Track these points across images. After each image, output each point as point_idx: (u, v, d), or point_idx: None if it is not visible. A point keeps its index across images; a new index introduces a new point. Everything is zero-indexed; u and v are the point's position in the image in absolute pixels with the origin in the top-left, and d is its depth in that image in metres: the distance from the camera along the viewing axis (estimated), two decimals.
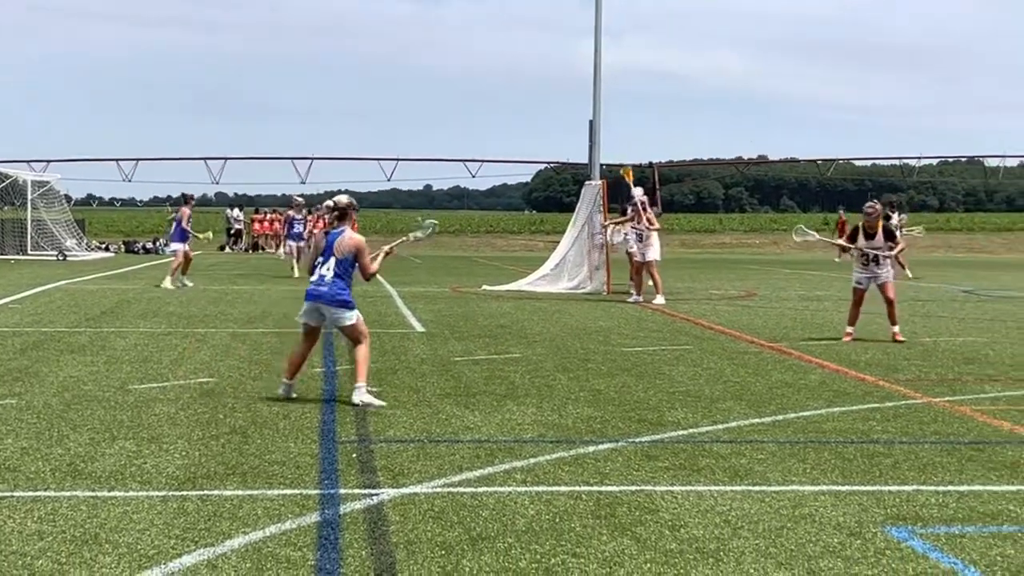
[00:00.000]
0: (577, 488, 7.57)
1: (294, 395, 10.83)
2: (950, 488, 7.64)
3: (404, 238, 12.31)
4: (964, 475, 8.02)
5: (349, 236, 10.72)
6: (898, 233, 20.11)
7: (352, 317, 10.69)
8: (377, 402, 10.50)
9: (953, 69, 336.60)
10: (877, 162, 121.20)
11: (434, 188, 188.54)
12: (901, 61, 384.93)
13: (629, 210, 24.83)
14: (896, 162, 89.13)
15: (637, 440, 9.15)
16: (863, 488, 7.63)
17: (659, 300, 23.17)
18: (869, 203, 17.31)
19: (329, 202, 11.08)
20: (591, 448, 8.83)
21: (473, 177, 75.92)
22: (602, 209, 27.10)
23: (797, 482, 7.79)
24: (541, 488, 7.56)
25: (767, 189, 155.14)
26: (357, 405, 10.35)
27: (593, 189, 27.82)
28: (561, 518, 6.83)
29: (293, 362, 10.91)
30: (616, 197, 30.71)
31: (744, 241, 71.97)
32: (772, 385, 12.11)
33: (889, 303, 16.59)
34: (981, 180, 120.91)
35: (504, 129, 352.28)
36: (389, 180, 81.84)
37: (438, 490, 7.48)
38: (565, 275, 27.61)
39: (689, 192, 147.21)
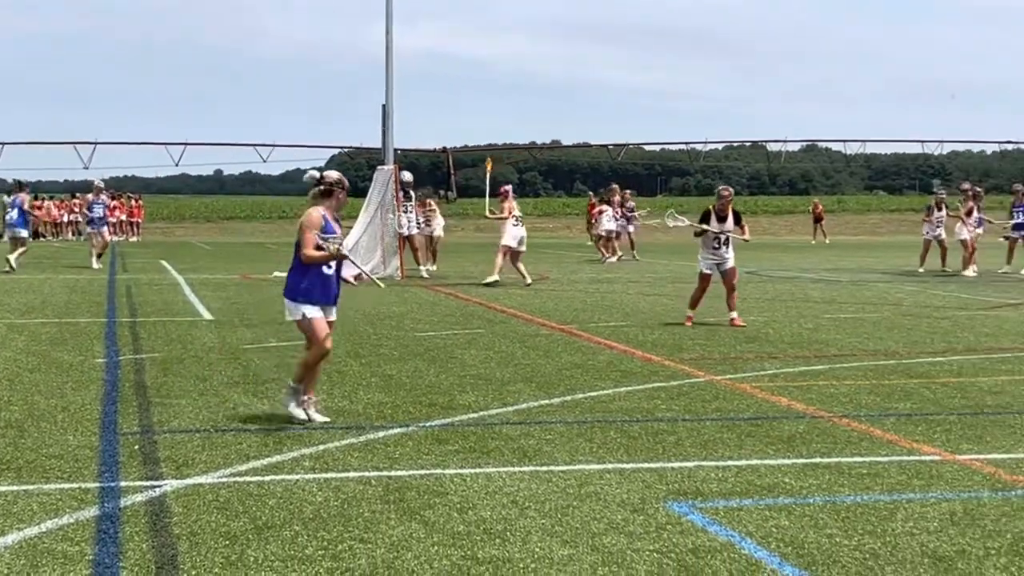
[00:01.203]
0: (366, 473, 7.53)
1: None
2: (729, 463, 7.87)
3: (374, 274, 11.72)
4: (743, 450, 8.28)
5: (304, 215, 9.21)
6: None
7: (294, 312, 9.32)
8: (303, 416, 9.16)
9: (738, 55, 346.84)
10: (666, 147, 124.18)
11: (225, 173, 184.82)
12: (689, 47, 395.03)
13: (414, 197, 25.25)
14: (684, 146, 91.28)
15: (428, 424, 9.16)
16: (647, 465, 7.80)
17: (517, 281, 23.33)
18: (724, 186, 17.44)
19: (313, 173, 9.32)
20: (381, 433, 8.80)
21: (265, 162, 74.57)
22: (395, 194, 27.07)
23: (584, 461, 7.91)
24: (330, 475, 7.50)
25: (560, 174, 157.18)
26: (297, 420, 9.08)
27: (386, 174, 27.74)
28: (349, 504, 6.78)
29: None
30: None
31: (538, 225, 72.73)
32: (562, 367, 12.28)
33: (731, 289, 16.56)
34: (764, 164, 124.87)
35: (297, 114, 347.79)
36: (177, 165, 79.77)
37: (224, 480, 7.35)
38: (359, 260, 27.41)
39: (484, 177, 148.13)
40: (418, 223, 28.39)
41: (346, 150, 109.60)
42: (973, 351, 13.67)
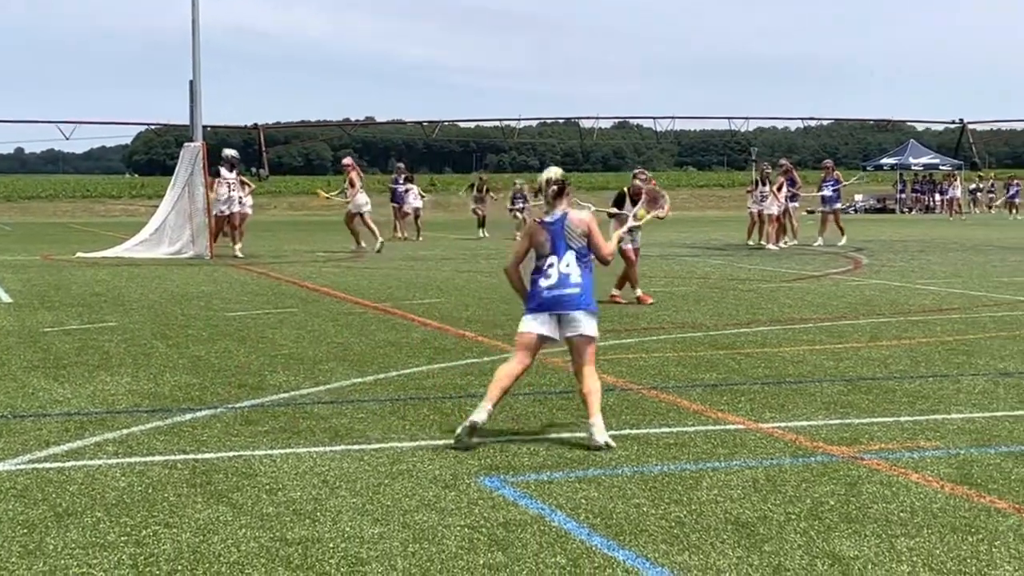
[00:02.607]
0: (172, 457, 7.35)
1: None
2: (541, 437, 7.93)
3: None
4: (554, 424, 8.35)
5: (576, 216, 8.14)
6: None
7: (596, 328, 8.15)
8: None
9: (550, 33, 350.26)
10: (481, 124, 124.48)
11: (26, 151, 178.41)
12: (501, 24, 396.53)
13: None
14: (498, 123, 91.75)
15: (237, 405, 8.99)
16: None
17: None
18: (640, 169, 17.25)
19: (542, 178, 8.28)
20: (188, 416, 8.60)
21: (67, 139, 72.34)
22: (204, 171, 26.54)
23: (396, 439, 7.87)
24: (134, 459, 7.30)
25: (375, 151, 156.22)
26: (601, 447, 7.57)
27: (193, 151, 27.15)
28: (154, 488, 6.61)
29: (503, 385, 7.91)
30: (219, 159, 30.22)
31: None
32: (376, 344, 12.20)
33: (631, 265, 16.26)
34: (577, 141, 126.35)
35: (101, 89, 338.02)
36: None
37: (22, 467, 7.09)
38: (166, 240, 26.89)
39: (297, 154, 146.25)
40: (240, 200, 27.88)
41: (153, 127, 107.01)
42: (776, 322, 14.07)
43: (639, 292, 16.28)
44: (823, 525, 5.90)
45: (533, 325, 8.01)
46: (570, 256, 7.98)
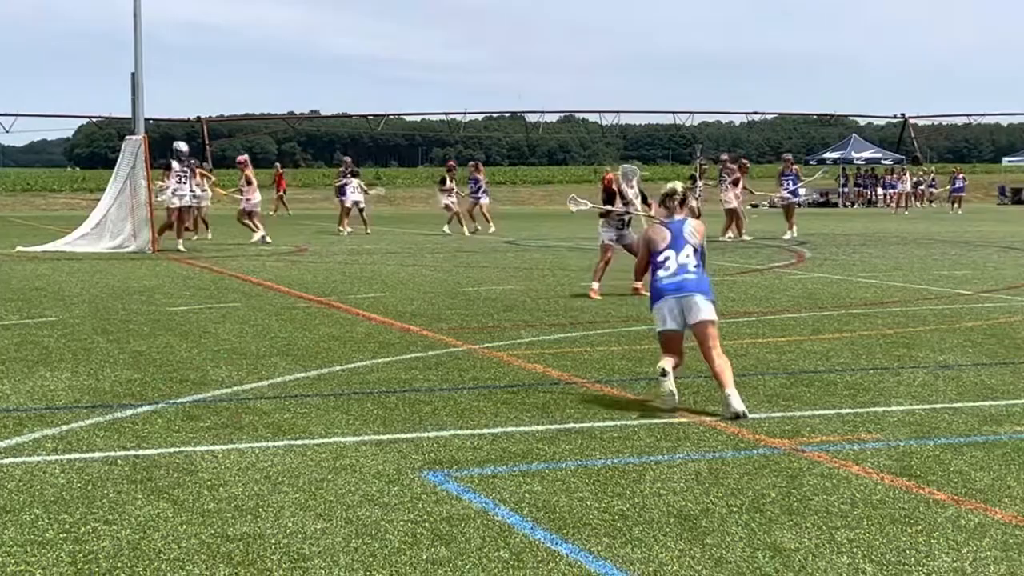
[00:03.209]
0: (112, 453, 7.28)
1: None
2: (485, 431, 7.92)
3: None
4: (498, 418, 8.34)
5: (696, 222, 9.17)
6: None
7: (715, 312, 9.02)
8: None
9: (499, 28, 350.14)
10: (427, 117, 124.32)
11: None
12: (448, 18, 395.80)
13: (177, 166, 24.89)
14: (444, 117, 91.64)
15: (178, 401, 8.92)
16: (404, 436, 7.77)
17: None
18: (632, 166, 17.40)
19: (670, 188, 9.20)
20: (129, 412, 8.52)
21: (7, 132, 71.45)
22: (146, 164, 26.31)
23: (340, 434, 7.84)
24: (74, 456, 7.22)
25: (320, 144, 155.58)
26: (739, 415, 8.22)
27: (135, 144, 26.90)
28: (94, 485, 6.54)
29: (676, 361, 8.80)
30: (163, 152, 30.08)
31: (299, 196, 71.83)
32: (319, 339, 12.14)
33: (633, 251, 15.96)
34: (523, 135, 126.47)
35: (42, 82, 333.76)
36: None
37: None
38: (107, 234, 26.65)
39: (241, 147, 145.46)
40: (194, 194, 27.69)
41: (95, 120, 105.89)
42: (720, 315, 14.10)
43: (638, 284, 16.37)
44: (764, 517, 5.94)
45: (664, 322, 8.90)
46: (688, 249, 8.91)
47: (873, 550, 5.43)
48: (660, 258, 8.94)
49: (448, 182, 36.59)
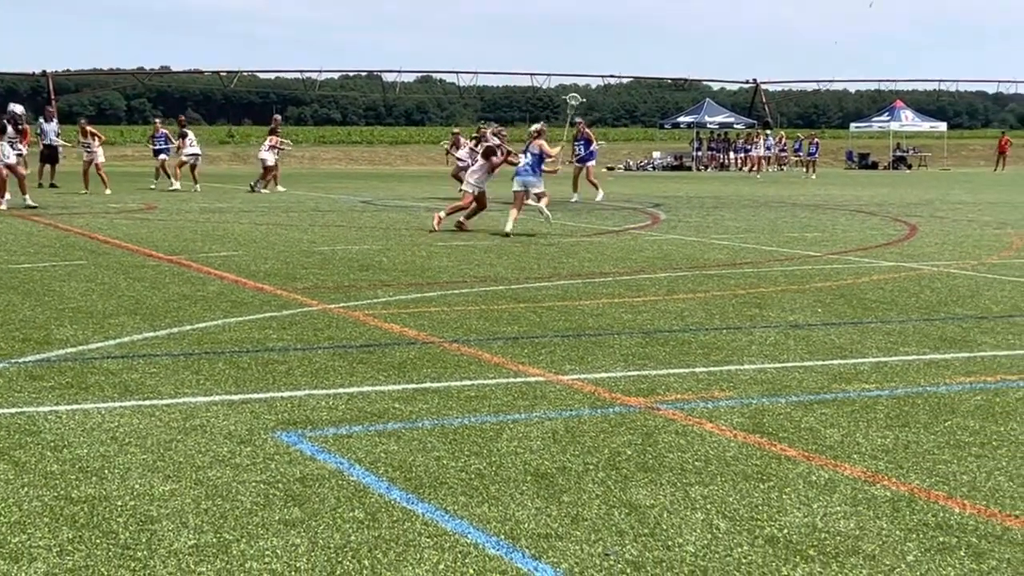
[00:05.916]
0: None
1: None
2: (340, 391, 7.80)
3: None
4: (354, 378, 8.23)
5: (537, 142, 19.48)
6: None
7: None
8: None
9: None
10: (281, 75, 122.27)
11: None
12: None
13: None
14: (299, 75, 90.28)
15: (20, 360, 8.60)
16: (256, 396, 7.62)
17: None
18: (495, 127, 19.84)
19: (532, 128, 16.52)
20: None
21: None
22: None
23: (190, 394, 7.64)
24: None
25: (171, 101, 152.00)
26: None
27: None
28: None
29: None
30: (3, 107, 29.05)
31: (145, 153, 70.22)
32: (169, 298, 11.85)
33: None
34: (380, 95, 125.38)
35: None
36: None
37: None
38: None
39: (89, 103, 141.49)
40: (19, 153, 26.76)
41: None
42: (577, 276, 14.20)
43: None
44: (620, 475, 5.95)
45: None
46: (530, 157, 17.68)
47: (727, 506, 5.48)
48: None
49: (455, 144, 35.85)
